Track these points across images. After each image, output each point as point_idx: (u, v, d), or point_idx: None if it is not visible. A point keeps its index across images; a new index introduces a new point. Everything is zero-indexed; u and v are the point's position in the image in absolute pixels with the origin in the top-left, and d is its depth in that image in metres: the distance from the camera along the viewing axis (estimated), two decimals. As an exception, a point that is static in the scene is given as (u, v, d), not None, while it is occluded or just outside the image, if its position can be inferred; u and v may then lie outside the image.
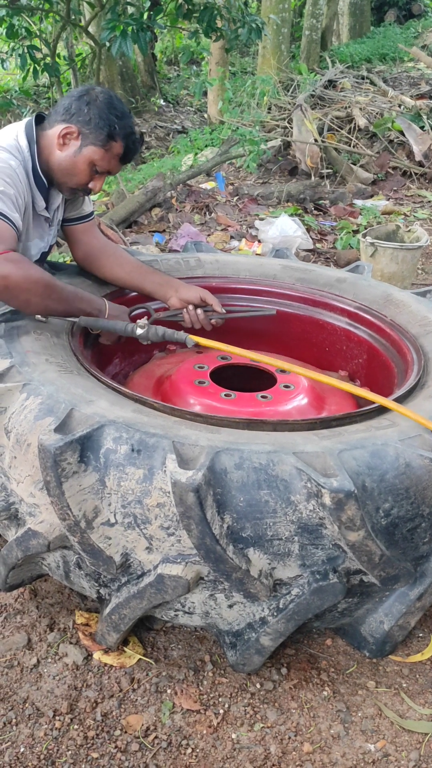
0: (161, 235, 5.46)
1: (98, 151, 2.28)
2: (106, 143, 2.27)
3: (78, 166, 2.31)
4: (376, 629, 1.93)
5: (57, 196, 2.50)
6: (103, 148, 2.28)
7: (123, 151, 2.33)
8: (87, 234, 2.70)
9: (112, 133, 2.27)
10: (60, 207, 2.56)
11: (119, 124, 2.27)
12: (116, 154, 2.32)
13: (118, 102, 2.33)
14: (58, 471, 1.63)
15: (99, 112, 2.26)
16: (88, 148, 2.28)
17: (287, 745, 1.81)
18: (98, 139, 2.27)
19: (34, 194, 2.35)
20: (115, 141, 2.29)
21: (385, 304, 2.67)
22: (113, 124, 2.26)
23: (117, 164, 2.36)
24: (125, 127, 2.30)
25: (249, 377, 2.54)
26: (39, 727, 1.83)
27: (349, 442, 1.73)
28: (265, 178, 7.51)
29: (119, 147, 2.31)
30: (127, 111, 2.33)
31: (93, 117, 2.26)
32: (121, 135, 2.29)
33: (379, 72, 10.93)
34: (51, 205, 2.48)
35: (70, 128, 2.28)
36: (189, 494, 1.55)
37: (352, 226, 5.90)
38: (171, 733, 1.82)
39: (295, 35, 13.73)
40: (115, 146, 2.30)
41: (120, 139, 2.29)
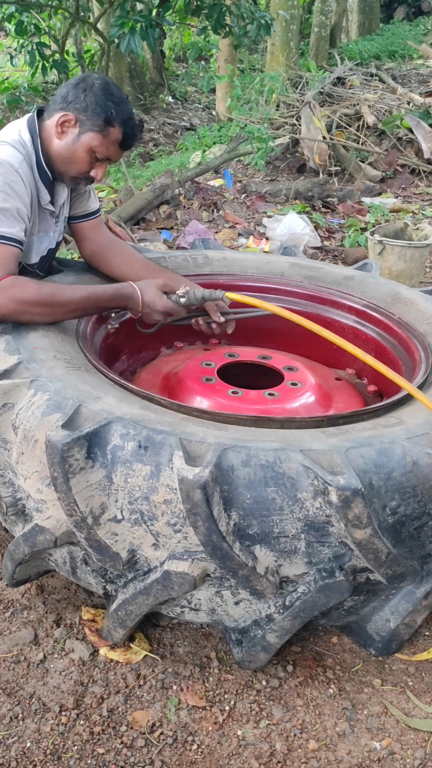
0: (169, 233, 5.46)
1: (96, 137, 2.27)
2: (104, 129, 2.26)
3: (77, 153, 2.30)
4: (383, 627, 1.93)
5: (62, 191, 2.50)
6: (101, 134, 2.27)
7: (122, 136, 2.31)
8: (94, 231, 2.70)
9: (110, 119, 2.25)
10: (66, 203, 2.57)
11: (116, 109, 2.26)
12: (115, 140, 2.30)
13: (115, 88, 2.31)
14: (65, 467, 1.64)
15: (96, 99, 2.25)
16: (86, 135, 2.27)
17: (293, 742, 1.81)
18: (96, 125, 2.26)
19: (39, 188, 2.35)
20: (113, 126, 2.27)
21: (392, 302, 2.67)
22: (110, 109, 2.25)
23: (117, 150, 2.34)
24: (123, 112, 2.28)
25: (256, 375, 2.54)
26: (45, 723, 1.83)
27: (356, 440, 1.73)
28: (273, 175, 7.50)
29: (118, 132, 2.29)
30: (124, 97, 2.32)
31: (90, 103, 2.25)
32: (119, 120, 2.27)
33: (388, 69, 10.91)
34: (57, 200, 2.48)
35: (67, 116, 2.27)
36: (196, 491, 1.55)
37: (360, 224, 5.89)
38: (177, 730, 1.83)
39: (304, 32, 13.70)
40: (113, 132, 2.28)
41: (118, 125, 2.28)
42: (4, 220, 2.17)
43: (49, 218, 2.47)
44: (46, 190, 2.37)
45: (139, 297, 2.40)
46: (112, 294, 2.37)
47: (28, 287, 2.16)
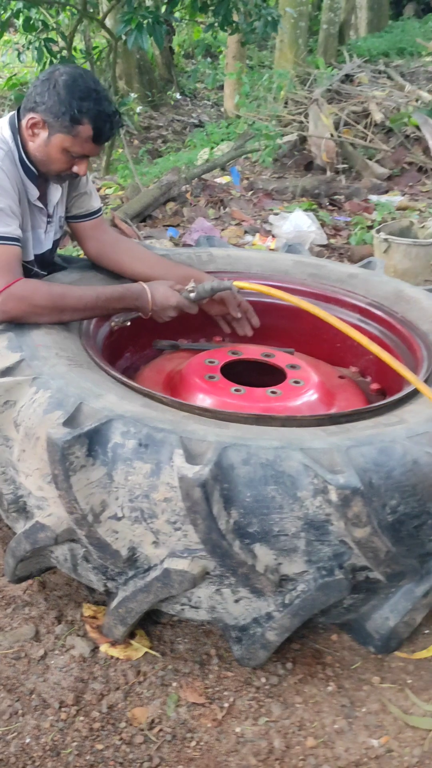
0: (175, 230, 5.46)
1: (66, 138, 2.20)
2: (73, 129, 2.18)
3: (51, 155, 2.24)
4: (382, 625, 1.94)
5: (55, 191, 2.47)
6: (70, 134, 2.19)
7: (93, 132, 2.20)
8: (97, 230, 2.67)
9: (77, 118, 2.15)
10: (61, 203, 2.54)
11: (82, 106, 2.15)
12: (86, 137, 2.20)
13: (83, 80, 2.19)
14: (66, 465, 1.64)
15: (59, 98, 2.15)
16: (55, 137, 2.20)
17: (291, 739, 1.81)
18: (63, 126, 2.17)
19: (26, 184, 2.32)
20: (81, 125, 2.17)
21: (396, 300, 2.67)
22: (75, 107, 2.14)
23: (92, 147, 2.25)
24: (90, 108, 2.16)
25: (259, 372, 2.54)
26: (45, 719, 1.84)
27: (356, 439, 1.74)
28: (280, 172, 7.49)
29: (88, 130, 2.19)
30: (92, 88, 2.18)
31: (54, 103, 2.15)
32: (87, 117, 2.16)
33: (396, 66, 10.87)
34: (49, 200, 2.46)
35: (34, 119, 2.20)
36: (196, 489, 1.55)
37: (367, 222, 5.88)
38: (176, 726, 1.83)
39: (312, 29, 13.67)
40: (82, 130, 2.18)
41: (87, 122, 2.17)
42: (1, 220, 2.17)
43: (38, 215, 2.43)
44: (33, 186, 2.33)
45: (149, 296, 2.39)
46: (121, 293, 2.37)
47: (39, 291, 2.17)
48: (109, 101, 2.23)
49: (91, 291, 2.30)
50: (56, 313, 2.20)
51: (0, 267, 2.14)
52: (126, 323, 2.54)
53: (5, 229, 2.17)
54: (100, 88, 2.22)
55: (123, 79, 11.51)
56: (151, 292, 2.40)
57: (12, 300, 2.11)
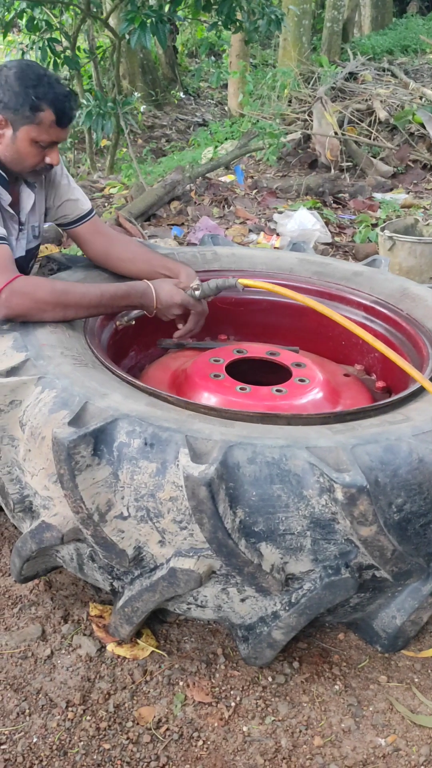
0: (180, 229, 5.46)
1: (31, 128, 2.20)
2: (35, 117, 2.18)
3: (21, 151, 2.25)
4: (389, 624, 1.93)
5: (28, 198, 2.45)
6: (34, 123, 2.19)
7: (55, 116, 2.21)
8: (93, 232, 2.67)
9: (36, 105, 2.16)
10: (35, 212, 2.51)
11: (37, 92, 2.16)
12: (50, 122, 2.21)
13: (32, 68, 2.20)
14: (71, 464, 1.64)
15: (13, 91, 2.16)
16: (21, 131, 2.20)
17: (298, 738, 1.81)
18: (25, 117, 2.18)
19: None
20: (42, 111, 2.18)
21: (401, 298, 2.66)
22: (31, 95, 2.15)
23: (57, 131, 2.26)
24: (46, 92, 2.17)
25: (264, 371, 2.54)
26: (52, 718, 1.84)
27: (362, 437, 1.73)
28: (284, 171, 7.49)
29: (49, 115, 2.19)
30: (43, 73, 2.20)
31: (10, 98, 2.16)
32: (45, 102, 2.17)
33: (400, 64, 10.84)
34: (22, 207, 2.45)
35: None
36: (201, 488, 1.55)
37: (372, 220, 5.87)
38: (182, 725, 1.83)
39: (316, 27, 13.65)
40: (44, 116, 2.19)
41: (46, 107, 2.18)
42: None
43: (9, 222, 2.41)
44: (5, 191, 2.32)
45: (153, 294, 2.40)
46: (126, 291, 2.36)
47: (42, 286, 2.17)
48: (60, 83, 2.24)
49: (95, 288, 2.30)
50: (60, 309, 2.19)
51: None
52: (131, 322, 2.54)
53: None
54: (50, 73, 2.23)
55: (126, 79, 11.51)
56: (156, 290, 2.40)
57: (15, 296, 2.11)
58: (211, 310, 2.67)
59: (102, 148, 9.07)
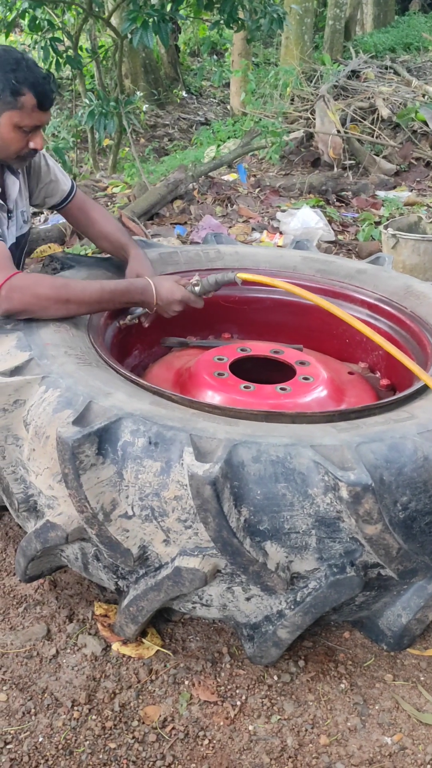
0: (183, 227, 5.46)
1: (14, 114, 2.20)
2: (16, 101, 2.18)
3: (5, 137, 2.24)
4: (394, 622, 1.93)
5: (13, 184, 2.46)
6: (15, 108, 2.19)
7: (36, 99, 2.20)
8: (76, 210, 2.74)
9: (15, 89, 2.16)
10: (22, 197, 2.53)
11: (17, 76, 2.15)
12: (32, 106, 2.21)
13: (9, 54, 2.19)
14: (76, 463, 1.64)
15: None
16: (3, 117, 2.20)
17: (304, 737, 1.81)
18: (6, 102, 2.17)
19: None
20: (23, 95, 2.17)
21: (405, 295, 2.66)
22: (11, 80, 2.15)
23: (39, 114, 2.25)
24: (26, 77, 2.17)
25: (268, 369, 2.54)
26: (57, 717, 1.84)
27: (367, 435, 1.73)
28: (287, 169, 7.48)
29: (30, 98, 2.19)
30: (20, 58, 2.19)
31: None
32: (25, 86, 2.17)
33: (403, 62, 10.83)
34: (8, 194, 2.45)
35: None
36: (206, 487, 1.55)
37: (375, 218, 5.86)
38: (188, 725, 1.83)
39: (318, 25, 13.65)
40: (25, 99, 2.18)
41: (27, 90, 2.17)
42: None
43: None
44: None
45: (153, 290, 2.40)
46: (126, 287, 2.36)
47: (42, 281, 2.16)
48: (38, 66, 2.24)
49: (95, 284, 2.30)
50: (61, 304, 2.18)
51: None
52: (134, 321, 2.54)
53: None
54: (27, 57, 2.23)
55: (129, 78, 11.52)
56: (156, 287, 2.40)
57: (15, 291, 2.11)
58: (215, 309, 2.67)
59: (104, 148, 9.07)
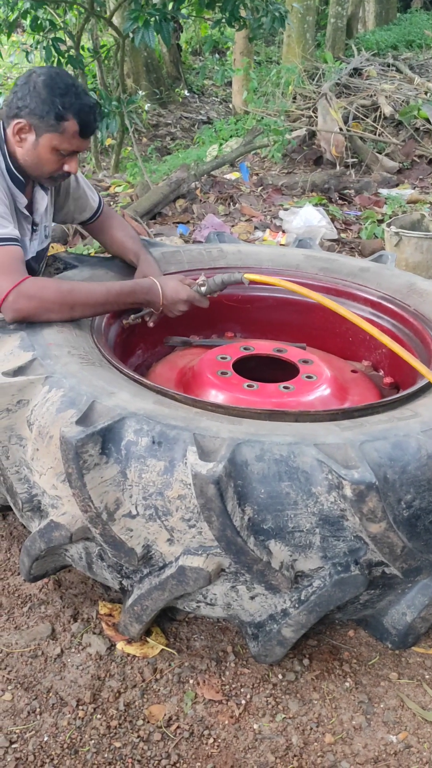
0: (185, 227, 5.46)
1: (54, 136, 2.22)
2: (59, 126, 2.20)
3: (41, 157, 2.26)
4: (399, 621, 1.93)
5: (42, 199, 2.48)
6: (57, 132, 2.21)
7: (79, 127, 2.23)
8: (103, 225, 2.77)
9: (61, 114, 2.18)
10: (48, 212, 2.55)
11: (64, 102, 2.18)
12: (73, 132, 2.23)
13: (60, 77, 2.22)
14: (79, 463, 1.64)
15: (40, 98, 2.17)
16: (43, 137, 2.22)
17: (309, 735, 1.81)
18: (49, 125, 2.19)
19: (13, 192, 2.33)
20: (67, 120, 2.20)
21: (408, 293, 2.65)
22: (57, 104, 2.17)
23: (79, 141, 2.27)
24: (72, 103, 2.19)
25: (272, 368, 2.54)
26: (62, 717, 1.84)
27: (370, 434, 1.73)
28: (289, 167, 7.47)
29: (73, 125, 2.21)
30: (71, 83, 2.21)
31: (37, 104, 2.18)
32: (71, 112, 2.19)
33: (405, 59, 10.82)
34: (36, 208, 2.47)
35: (20, 123, 2.22)
36: (209, 486, 1.55)
37: (377, 216, 5.86)
38: (193, 723, 1.83)
39: (320, 23, 13.63)
40: (68, 125, 2.21)
41: (71, 117, 2.20)
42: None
43: (23, 223, 2.44)
44: (21, 194, 2.35)
45: (159, 290, 2.40)
46: (132, 288, 2.37)
47: (48, 288, 2.17)
48: (88, 94, 2.26)
49: (101, 286, 2.30)
50: (67, 309, 2.19)
51: (4, 267, 2.14)
52: (138, 320, 2.55)
53: (4, 231, 2.18)
54: (77, 83, 2.25)
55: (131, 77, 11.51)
56: (162, 287, 2.40)
57: (22, 298, 2.11)
58: (218, 308, 2.67)
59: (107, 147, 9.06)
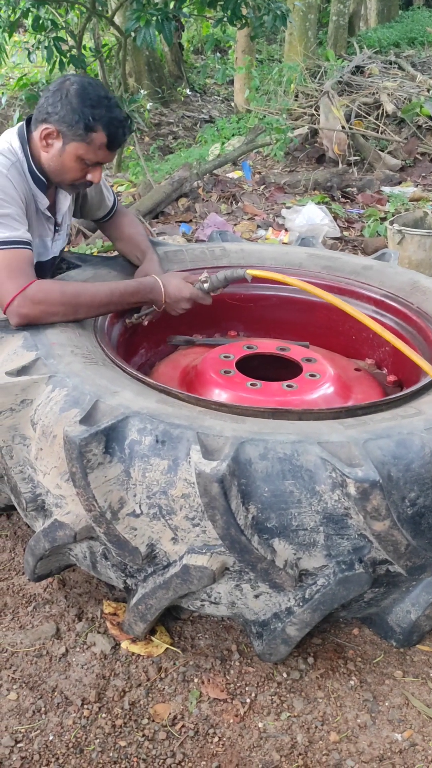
0: (188, 225, 5.46)
1: (81, 146, 2.23)
2: (87, 136, 2.21)
3: (66, 164, 2.27)
4: (403, 619, 1.93)
5: (65, 199, 2.50)
6: (84, 142, 2.22)
7: (107, 139, 2.24)
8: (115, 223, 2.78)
9: (90, 125, 2.19)
10: (69, 211, 2.57)
11: (95, 113, 2.19)
12: (101, 144, 2.24)
13: (94, 88, 2.23)
14: (83, 462, 1.64)
15: (71, 106, 2.18)
16: (70, 146, 2.23)
17: (314, 734, 1.81)
18: (77, 134, 2.20)
19: (35, 193, 2.34)
20: (95, 132, 2.21)
21: (411, 291, 2.65)
22: (88, 115, 2.18)
23: (106, 153, 2.28)
24: (103, 115, 2.20)
25: (275, 366, 2.54)
26: (68, 716, 1.85)
27: (374, 432, 1.72)
28: (292, 166, 7.47)
29: (101, 137, 2.22)
30: (103, 95, 2.22)
31: (67, 112, 2.19)
32: (100, 124, 2.20)
33: (407, 56, 10.80)
34: (59, 208, 2.50)
35: (48, 129, 2.23)
36: (213, 485, 1.55)
37: (380, 214, 5.86)
38: (198, 722, 1.83)
39: (322, 21, 13.62)
40: (96, 137, 2.22)
41: (100, 129, 2.21)
42: (10, 225, 2.18)
43: (45, 223, 2.46)
44: (43, 195, 2.36)
45: (161, 289, 2.41)
46: (135, 288, 2.38)
47: (53, 292, 2.17)
48: (119, 108, 2.28)
49: (105, 288, 2.30)
50: (71, 312, 2.20)
51: (12, 271, 2.14)
52: (141, 319, 2.55)
53: (15, 234, 2.18)
54: (110, 95, 2.26)
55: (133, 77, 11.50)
56: (165, 285, 2.41)
57: (27, 303, 2.12)
58: (221, 306, 2.67)
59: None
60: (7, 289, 2.11)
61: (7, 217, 2.18)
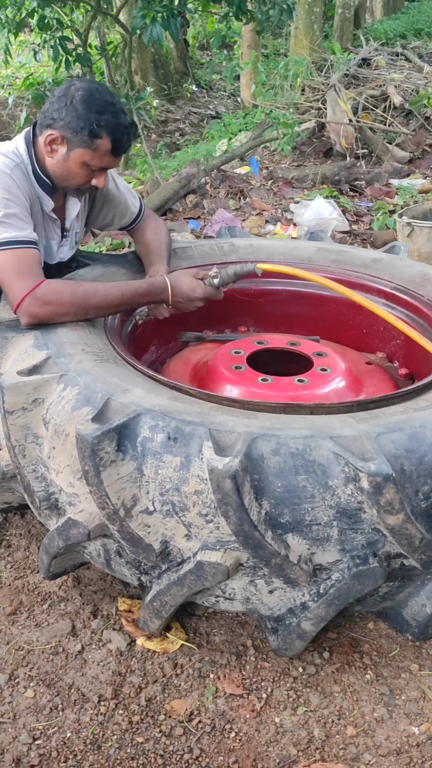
0: (196, 222, 5.45)
1: (86, 152, 2.22)
2: (92, 143, 2.20)
3: (71, 170, 2.27)
4: (419, 612, 1.92)
5: (74, 205, 2.50)
6: (89, 148, 2.21)
7: (111, 145, 2.24)
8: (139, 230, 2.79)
9: (95, 131, 2.19)
10: (80, 218, 2.57)
11: (100, 120, 2.18)
12: (106, 150, 2.24)
13: (100, 93, 2.22)
14: (96, 460, 1.64)
15: (77, 113, 2.18)
16: (75, 152, 2.23)
17: (330, 728, 1.81)
18: (82, 140, 2.20)
19: (40, 195, 2.35)
20: (100, 138, 2.21)
21: (421, 283, 2.64)
22: (93, 122, 2.17)
23: (111, 159, 2.28)
24: (108, 121, 2.20)
25: (286, 361, 2.53)
26: (85, 713, 1.85)
27: (386, 425, 1.72)
28: (299, 160, 7.45)
29: (106, 143, 2.22)
30: (109, 101, 2.21)
31: (72, 118, 2.18)
32: (105, 130, 2.20)
33: (414, 48, 10.74)
34: (67, 214, 2.50)
35: (53, 135, 2.22)
36: (226, 481, 1.55)
37: (389, 207, 5.83)
38: (214, 718, 1.84)
39: (327, 14, 13.56)
40: (101, 143, 2.22)
41: (105, 135, 2.21)
42: (16, 225, 2.18)
43: (52, 226, 2.46)
44: (48, 197, 2.36)
45: (169, 288, 2.40)
46: (146, 289, 2.37)
47: (63, 292, 2.17)
48: (125, 114, 2.27)
49: (116, 289, 2.30)
50: (81, 313, 2.20)
51: (22, 270, 2.14)
52: (150, 316, 2.55)
53: (21, 233, 2.18)
54: (116, 101, 2.25)
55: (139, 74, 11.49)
56: (176, 284, 2.40)
57: (37, 303, 2.12)
58: (231, 302, 2.67)
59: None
60: (17, 288, 2.12)
61: (14, 217, 2.18)
